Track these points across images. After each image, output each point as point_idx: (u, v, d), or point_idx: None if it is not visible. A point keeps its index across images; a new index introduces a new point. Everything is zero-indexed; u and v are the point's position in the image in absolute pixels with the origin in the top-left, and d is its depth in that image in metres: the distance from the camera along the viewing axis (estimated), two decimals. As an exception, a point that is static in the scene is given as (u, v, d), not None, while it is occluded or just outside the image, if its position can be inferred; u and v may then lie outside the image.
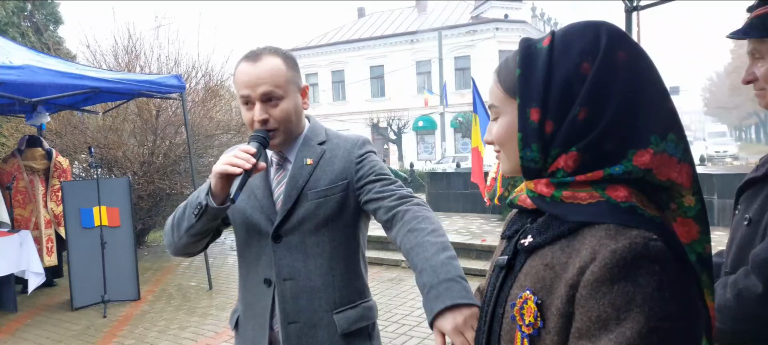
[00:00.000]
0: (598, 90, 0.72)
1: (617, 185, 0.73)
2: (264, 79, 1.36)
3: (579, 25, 0.78)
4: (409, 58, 30.76)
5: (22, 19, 11.14)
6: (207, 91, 9.41)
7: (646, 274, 0.66)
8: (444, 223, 8.16)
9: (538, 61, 0.77)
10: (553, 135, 0.75)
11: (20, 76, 4.41)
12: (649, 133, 0.72)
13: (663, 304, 0.65)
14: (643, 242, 0.67)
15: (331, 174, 1.44)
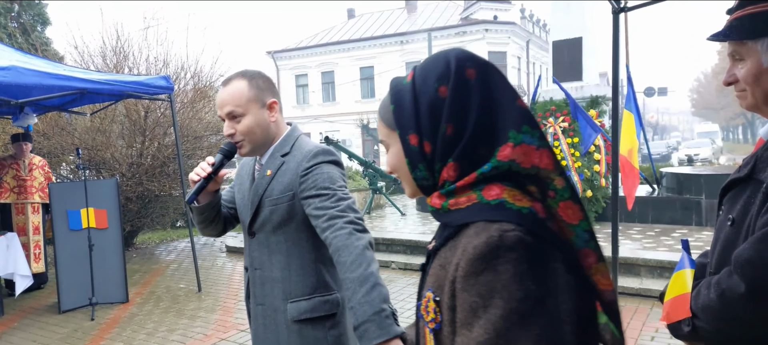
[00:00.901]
0: (456, 106, 0.84)
1: (492, 185, 0.82)
2: (227, 101, 1.63)
3: (432, 57, 0.90)
4: (399, 59, 30.83)
5: (9, 19, 11.03)
6: (196, 92, 9.38)
7: (503, 263, 0.74)
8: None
9: (405, 95, 0.89)
10: (432, 153, 0.86)
11: (6, 77, 4.39)
12: (507, 130, 0.82)
13: (521, 286, 0.72)
14: (499, 235, 0.75)
15: (281, 185, 1.66)
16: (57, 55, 10.47)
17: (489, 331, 0.73)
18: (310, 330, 1.62)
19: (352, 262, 1.45)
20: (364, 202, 10.04)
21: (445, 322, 0.82)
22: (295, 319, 1.63)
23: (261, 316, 1.69)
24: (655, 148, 23.38)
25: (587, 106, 7.89)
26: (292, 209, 1.64)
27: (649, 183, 8.62)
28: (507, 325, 0.72)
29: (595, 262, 0.84)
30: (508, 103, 0.84)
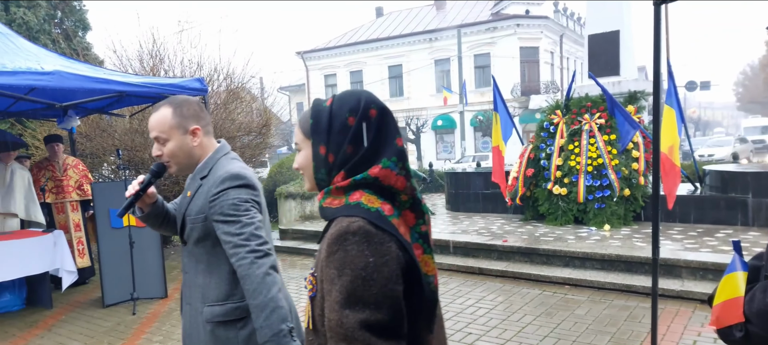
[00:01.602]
0: (357, 134, 1.14)
1: (357, 191, 1.12)
2: (153, 126, 1.84)
3: (348, 92, 1.19)
4: (427, 56, 30.68)
5: (52, 26, 11.46)
6: (228, 93, 9.56)
7: (351, 244, 1.04)
8: (464, 223, 8.17)
9: (323, 115, 1.18)
10: (333, 163, 1.16)
11: (51, 82, 4.55)
12: (382, 158, 1.13)
13: (363, 260, 1.02)
14: (347, 224, 1.06)
15: (196, 207, 1.84)
16: (97, 59, 10.82)
17: (342, 293, 1.02)
18: (222, 331, 1.81)
19: (254, 290, 1.67)
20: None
21: (319, 291, 1.12)
22: (209, 321, 1.81)
23: (188, 314, 1.90)
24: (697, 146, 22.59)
25: (625, 102, 7.69)
26: (206, 229, 1.82)
27: (691, 181, 8.34)
28: (354, 287, 1.02)
29: (422, 253, 1.16)
30: (390, 139, 1.16)
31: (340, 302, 1.02)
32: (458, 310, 4.90)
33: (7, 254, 4.95)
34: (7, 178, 5.69)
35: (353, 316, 1.01)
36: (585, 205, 7.37)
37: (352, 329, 1.01)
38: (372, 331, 1.01)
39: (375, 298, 1.02)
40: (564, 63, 31.23)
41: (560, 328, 4.36)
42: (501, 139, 7.61)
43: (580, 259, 5.85)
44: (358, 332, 1.00)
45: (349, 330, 1.01)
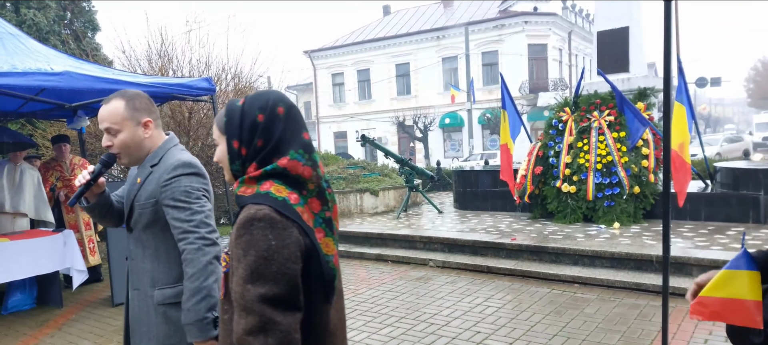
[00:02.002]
0: (266, 129, 1.29)
1: (267, 181, 1.27)
2: (105, 118, 1.90)
3: (259, 93, 1.34)
4: (435, 54, 30.60)
5: (62, 27, 11.56)
6: (236, 92, 9.59)
7: (257, 229, 1.19)
8: (472, 221, 8.14)
9: (236, 113, 1.32)
10: (246, 156, 1.31)
11: (61, 82, 4.58)
12: (290, 150, 1.28)
13: (266, 242, 1.18)
14: (255, 211, 1.21)
15: (146, 192, 1.91)
16: (106, 60, 10.89)
17: (246, 270, 1.19)
18: (174, 312, 1.87)
19: (193, 274, 1.77)
20: (401, 199, 10.02)
21: (231, 268, 1.27)
22: (161, 304, 1.89)
23: (136, 298, 1.95)
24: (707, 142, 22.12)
25: (634, 99, 7.62)
26: (156, 214, 1.89)
27: (702, 178, 8.25)
28: (257, 265, 1.18)
29: (323, 236, 1.30)
30: (297, 134, 1.32)
31: (244, 278, 1.20)
32: (466, 309, 4.88)
33: (18, 254, 4.99)
34: (16, 178, 5.74)
35: (254, 290, 1.18)
36: (594, 202, 7.32)
37: (251, 301, 1.18)
38: (269, 303, 1.18)
39: (274, 276, 1.19)
40: (572, 60, 31.03)
41: (569, 326, 4.33)
42: (509, 137, 7.57)
43: (590, 257, 5.81)
44: (256, 304, 1.18)
45: (249, 302, 1.18)
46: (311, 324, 1.28)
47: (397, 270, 6.57)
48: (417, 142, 30.13)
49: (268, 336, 1.16)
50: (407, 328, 4.48)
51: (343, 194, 9.70)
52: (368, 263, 7.07)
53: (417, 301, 5.20)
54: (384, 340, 4.22)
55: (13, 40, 5.08)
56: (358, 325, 4.61)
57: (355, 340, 4.26)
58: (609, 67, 8.06)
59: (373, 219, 9.03)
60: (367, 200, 9.79)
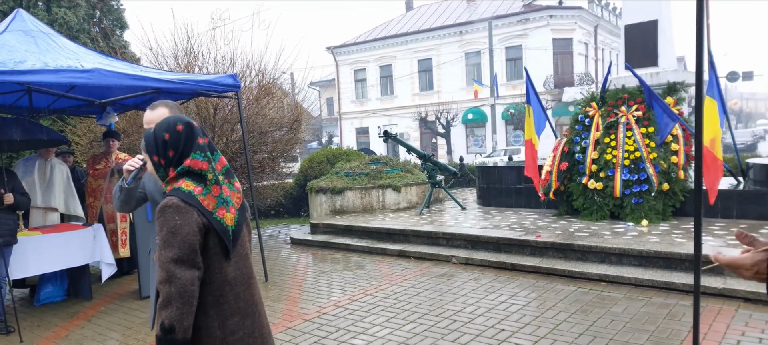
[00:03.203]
0: (172, 142, 1.82)
1: (182, 179, 1.80)
2: (153, 121, 2.37)
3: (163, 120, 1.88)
4: (457, 49, 30.39)
5: (91, 25, 11.82)
6: (260, 89, 9.66)
7: (167, 212, 1.70)
8: (496, 218, 8.06)
9: (150, 137, 1.85)
10: (165, 165, 1.84)
11: (91, 79, 4.68)
12: (191, 153, 1.81)
13: (173, 221, 1.69)
14: (167, 201, 1.72)
15: None
16: (134, 57, 11.09)
17: (161, 240, 1.70)
18: None
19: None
20: (423, 195, 9.98)
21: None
22: None
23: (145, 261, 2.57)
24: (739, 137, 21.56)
25: (663, 94, 7.43)
26: None
27: (734, 175, 8.02)
28: (167, 238, 1.69)
29: (225, 211, 1.81)
30: (193, 140, 1.83)
31: (160, 245, 1.72)
32: (490, 306, 4.84)
33: (50, 247, 5.13)
34: (47, 174, 5.89)
35: (165, 254, 1.70)
36: (622, 199, 7.17)
37: (163, 262, 1.70)
38: (174, 262, 1.69)
39: (178, 244, 1.70)
40: (598, 54, 30.46)
41: (596, 325, 4.26)
42: (534, 133, 7.47)
43: (617, 255, 5.70)
44: (165, 264, 1.69)
45: (162, 262, 1.70)
46: (212, 277, 1.79)
47: (419, 266, 6.55)
48: (439, 138, 30.00)
49: (171, 285, 1.68)
50: (430, 324, 4.46)
51: (365, 190, 9.71)
52: (391, 259, 7.07)
53: (440, 298, 5.18)
54: (406, 337, 4.21)
55: (45, 39, 5.21)
56: (380, 321, 4.61)
57: (377, 335, 4.26)
58: (637, 62, 7.87)
59: (395, 215, 9.02)
60: (389, 196, 9.79)
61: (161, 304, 1.69)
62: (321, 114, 43.40)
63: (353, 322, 4.59)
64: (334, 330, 4.44)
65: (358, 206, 9.65)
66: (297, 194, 11.93)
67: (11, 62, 4.42)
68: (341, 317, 4.76)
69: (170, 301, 1.67)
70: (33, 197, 5.64)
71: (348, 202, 9.64)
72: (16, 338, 4.51)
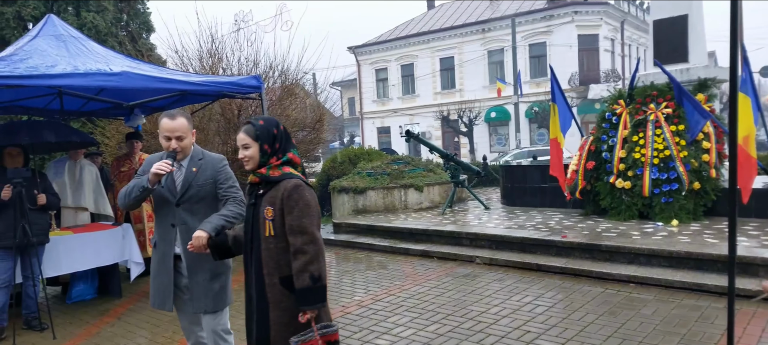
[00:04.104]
0: (279, 138, 2.36)
1: (285, 166, 2.35)
2: (178, 128, 2.90)
3: (267, 118, 2.39)
4: (480, 47, 30.13)
5: (119, 28, 12.08)
6: (283, 90, 9.73)
7: (302, 189, 2.28)
8: (520, 218, 7.97)
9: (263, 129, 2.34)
10: (270, 153, 2.34)
11: (119, 82, 4.77)
12: (291, 148, 2.41)
13: (308, 197, 2.27)
14: (297, 181, 2.29)
15: (204, 176, 3.01)
16: (160, 60, 11.30)
17: (301, 211, 2.23)
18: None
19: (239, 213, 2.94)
20: (446, 195, 9.92)
21: (277, 216, 2.26)
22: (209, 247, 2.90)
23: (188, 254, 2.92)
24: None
25: (694, 90, 7.23)
26: (209, 190, 3.01)
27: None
28: (304, 209, 2.24)
29: None
30: (290, 139, 2.41)
31: (300, 216, 2.22)
32: (515, 307, 4.77)
33: (81, 246, 5.25)
34: (77, 174, 6.03)
35: (306, 221, 2.22)
36: (650, 199, 7.01)
37: (305, 227, 2.22)
38: (313, 227, 2.24)
39: (315, 214, 2.27)
40: (625, 50, 29.84)
41: (625, 328, 4.16)
42: (559, 131, 7.35)
43: (646, 255, 5.57)
44: (308, 228, 2.22)
45: (304, 227, 2.22)
46: None
47: (442, 267, 6.51)
48: (462, 137, 29.80)
49: (315, 245, 2.22)
50: (454, 325, 4.42)
51: (387, 190, 9.70)
52: (413, 259, 7.04)
53: (464, 299, 5.13)
54: (430, 337, 4.18)
55: (75, 43, 5.33)
56: (403, 321, 4.59)
57: (401, 336, 4.25)
58: (666, 57, 7.67)
59: (418, 215, 8.99)
60: (411, 196, 9.76)
61: (309, 260, 2.18)
62: (343, 114, 43.52)
63: (377, 322, 4.59)
64: (358, 330, 4.44)
65: (380, 206, 9.65)
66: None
67: (43, 66, 4.54)
68: (365, 317, 4.76)
69: (317, 257, 2.20)
70: (64, 198, 5.78)
71: (370, 201, 9.64)
72: (50, 335, 4.63)
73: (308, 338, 2.18)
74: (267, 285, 2.28)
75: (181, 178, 2.98)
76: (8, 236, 4.48)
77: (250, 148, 2.31)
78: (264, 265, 2.28)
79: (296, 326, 2.21)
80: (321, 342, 2.20)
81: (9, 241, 4.48)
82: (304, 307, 2.18)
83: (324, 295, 2.23)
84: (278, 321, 2.26)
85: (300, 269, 2.17)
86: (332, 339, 2.24)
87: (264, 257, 2.28)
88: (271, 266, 2.27)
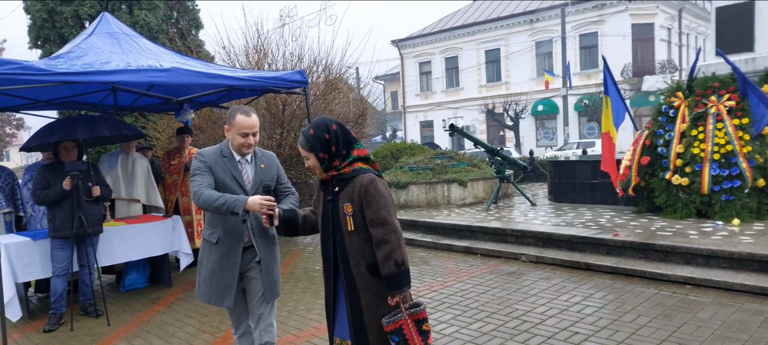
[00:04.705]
0: (333, 140, 2.41)
1: (355, 163, 2.43)
2: (253, 126, 2.96)
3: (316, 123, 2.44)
4: (528, 39, 29.41)
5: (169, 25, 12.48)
6: (327, 84, 9.79)
7: (378, 184, 2.38)
8: (569, 215, 7.72)
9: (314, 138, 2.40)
10: (328, 158, 2.42)
11: (169, 78, 4.90)
12: (354, 144, 2.47)
13: (384, 190, 2.39)
14: (371, 176, 2.39)
15: (270, 171, 3.13)
16: (208, 56, 11.59)
17: (380, 204, 2.35)
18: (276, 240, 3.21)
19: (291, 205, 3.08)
20: (491, 191, 9.72)
21: (356, 211, 2.38)
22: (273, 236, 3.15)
23: (262, 242, 3.06)
24: None
25: (760, 82, 6.77)
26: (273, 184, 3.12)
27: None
28: (383, 202, 2.35)
29: None
30: (349, 135, 2.47)
31: (379, 209, 2.34)
32: (563, 308, 4.61)
33: (134, 237, 5.45)
34: (129, 167, 6.25)
35: (385, 212, 2.35)
36: (710, 196, 6.62)
37: (385, 218, 2.34)
38: (392, 217, 2.36)
39: (393, 206, 2.40)
40: (683, 40, 28.41)
41: (681, 331, 3.94)
42: (612, 125, 7.06)
43: (704, 256, 5.26)
44: (388, 219, 2.34)
45: (384, 219, 2.34)
46: None
47: (486, 263, 6.38)
48: (507, 131, 29.23)
49: (397, 234, 2.36)
50: (498, 324, 4.31)
51: (429, 185, 9.61)
52: (456, 256, 6.94)
53: (508, 297, 5.01)
54: (474, 336, 4.09)
55: (128, 40, 5.52)
56: (446, 318, 4.52)
57: (443, 333, 4.18)
58: (730, 47, 7.21)
59: (461, 210, 8.86)
60: (454, 191, 9.63)
61: (392, 248, 2.34)
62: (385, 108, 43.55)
63: (419, 318, 4.53)
64: (400, 326, 4.40)
65: (422, 201, 9.57)
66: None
67: (98, 63, 4.71)
68: (407, 313, 4.71)
69: (398, 244, 2.36)
70: (117, 190, 6.02)
71: (412, 196, 9.58)
72: (104, 321, 4.83)
73: (398, 318, 2.37)
74: (355, 274, 2.43)
75: (251, 173, 3.02)
76: (66, 227, 4.70)
77: (309, 159, 2.43)
78: (350, 257, 2.42)
79: (386, 308, 2.41)
80: (410, 321, 2.38)
81: (67, 231, 4.70)
82: (393, 292, 2.37)
83: (408, 278, 2.39)
84: (369, 305, 2.43)
85: (384, 258, 2.34)
86: (420, 317, 2.41)
87: (349, 250, 2.41)
88: (357, 257, 2.41)
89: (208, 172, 2.90)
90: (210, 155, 2.94)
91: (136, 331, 4.59)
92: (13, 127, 32.46)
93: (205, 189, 2.83)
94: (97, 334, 4.57)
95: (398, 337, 2.38)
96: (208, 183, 2.88)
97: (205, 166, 2.91)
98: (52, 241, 4.76)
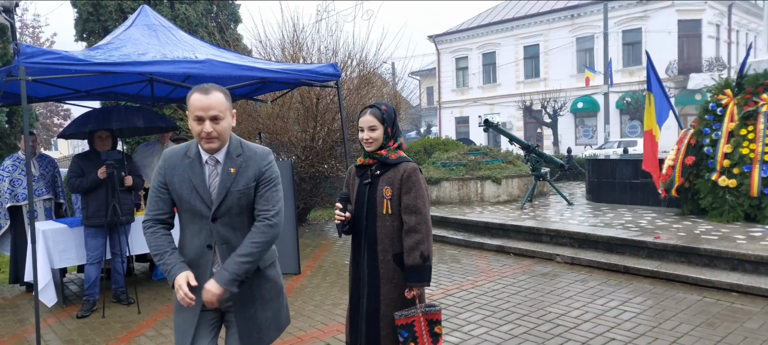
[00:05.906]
0: (397, 123, 2.57)
1: (400, 150, 2.54)
2: (213, 106, 2.06)
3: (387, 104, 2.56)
4: (568, 34, 28.65)
5: (209, 20, 12.67)
6: (361, 79, 9.74)
7: (418, 174, 2.47)
8: (607, 215, 7.44)
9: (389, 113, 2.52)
10: (390, 136, 2.51)
11: (203, 69, 4.94)
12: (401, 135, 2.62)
13: (422, 181, 2.47)
14: (414, 165, 2.49)
15: (245, 177, 2.16)
16: (246, 50, 11.71)
17: (417, 192, 2.42)
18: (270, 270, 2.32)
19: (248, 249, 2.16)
20: (526, 189, 9.48)
21: (395, 197, 2.43)
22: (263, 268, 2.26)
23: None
24: None
25: (818, 78, 6.34)
26: (250, 196, 2.18)
27: None
28: (419, 191, 2.43)
29: None
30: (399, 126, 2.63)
31: (416, 197, 2.40)
32: (599, 312, 4.42)
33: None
34: (165, 158, 6.36)
35: (420, 202, 2.40)
36: (759, 200, 6.25)
37: (419, 208, 2.39)
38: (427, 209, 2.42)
39: (427, 196, 2.46)
40: (732, 37, 27.11)
41: (726, 342, 3.71)
42: (655, 123, 6.75)
43: (753, 262, 4.96)
44: (422, 209, 2.39)
45: (419, 208, 2.39)
46: None
47: (519, 263, 6.21)
48: (545, 128, 28.59)
49: (427, 225, 2.38)
50: (530, 326, 4.17)
51: (462, 181, 9.45)
52: (488, 254, 6.78)
53: (541, 299, 4.84)
54: (503, 338, 3.96)
55: (165, 32, 5.59)
56: (475, 318, 4.40)
57: (472, 334, 4.06)
58: (786, 41, 6.79)
59: (494, 208, 8.67)
60: (488, 188, 9.43)
61: (421, 239, 2.34)
62: (420, 103, 43.26)
63: (447, 318, 4.43)
64: (427, 324, 4.31)
65: (454, 198, 9.42)
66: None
67: (135, 54, 4.79)
68: (435, 312, 4.61)
69: (427, 237, 2.37)
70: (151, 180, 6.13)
71: (444, 192, 9.44)
72: (135, 309, 4.92)
73: (411, 314, 2.34)
74: (380, 261, 2.41)
75: (217, 180, 2.14)
76: (100, 215, 4.80)
77: (377, 130, 2.43)
78: (378, 242, 2.41)
79: (403, 302, 2.40)
80: (423, 319, 2.36)
81: (100, 219, 4.80)
82: (412, 284, 2.36)
83: (430, 275, 2.39)
84: (389, 296, 2.40)
85: (412, 247, 2.34)
86: (434, 318, 2.38)
87: (379, 234, 2.41)
88: (386, 243, 2.41)
89: (163, 190, 2.17)
90: (171, 158, 2.17)
91: (164, 320, 4.66)
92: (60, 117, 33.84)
93: (148, 229, 2.18)
94: (128, 321, 4.66)
95: (408, 332, 2.34)
96: (154, 215, 2.16)
97: (161, 181, 2.17)
98: (86, 229, 4.86)
